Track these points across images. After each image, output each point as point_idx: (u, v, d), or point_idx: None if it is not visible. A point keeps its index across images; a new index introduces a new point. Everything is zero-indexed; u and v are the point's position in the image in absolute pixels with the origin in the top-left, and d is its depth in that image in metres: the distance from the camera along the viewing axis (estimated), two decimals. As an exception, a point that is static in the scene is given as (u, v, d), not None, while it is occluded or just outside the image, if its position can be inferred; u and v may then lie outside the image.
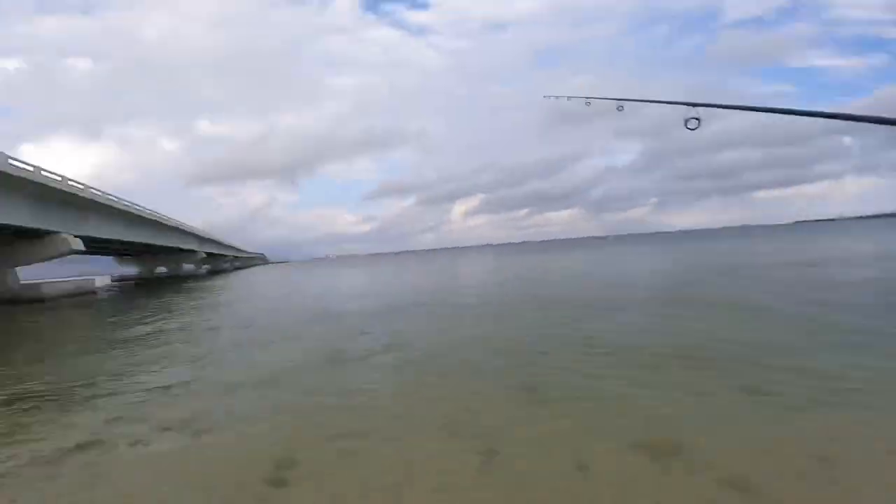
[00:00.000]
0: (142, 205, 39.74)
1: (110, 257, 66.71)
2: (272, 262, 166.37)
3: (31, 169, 22.92)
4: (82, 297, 29.61)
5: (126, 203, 36.03)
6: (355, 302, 15.39)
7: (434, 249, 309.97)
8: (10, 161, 21.12)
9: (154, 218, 42.59)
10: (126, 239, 37.94)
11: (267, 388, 5.79)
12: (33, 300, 25.94)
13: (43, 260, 27.64)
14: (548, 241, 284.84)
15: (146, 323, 13.35)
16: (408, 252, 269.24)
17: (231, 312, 15.76)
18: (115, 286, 52.40)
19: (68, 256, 29.92)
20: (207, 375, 6.78)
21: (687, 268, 21.87)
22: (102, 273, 70.28)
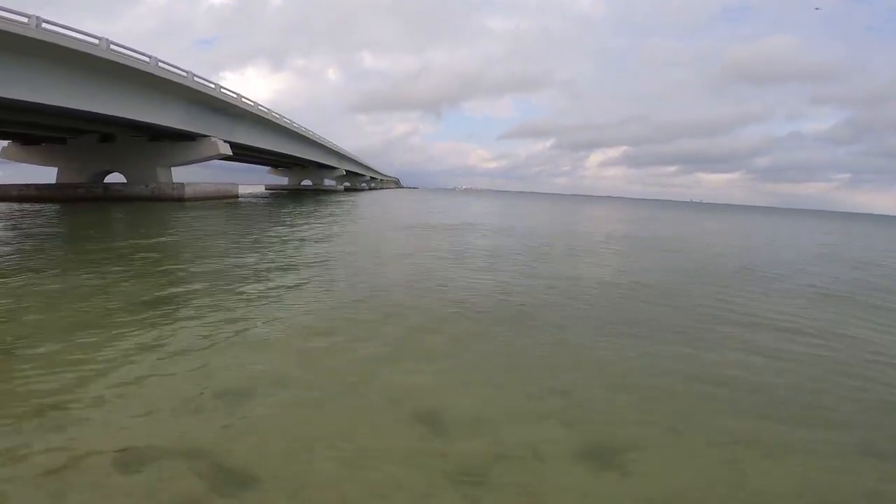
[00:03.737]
0: (289, 118, 41.01)
1: (266, 167, 73.22)
2: (404, 187, 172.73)
3: (184, 74, 23.36)
4: (222, 201, 31.44)
5: (275, 115, 37.10)
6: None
7: (565, 194, 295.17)
8: (161, 64, 21.44)
9: (299, 131, 43.88)
10: (271, 148, 39.56)
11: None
12: (174, 199, 27.91)
13: (194, 162, 29.56)
14: (698, 203, 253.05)
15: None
16: (537, 193, 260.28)
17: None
18: (266, 193, 57.22)
19: (247, 166, 31.49)
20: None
21: None
22: (259, 183, 78.12)
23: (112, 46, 18.55)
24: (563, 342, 4.79)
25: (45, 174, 30.22)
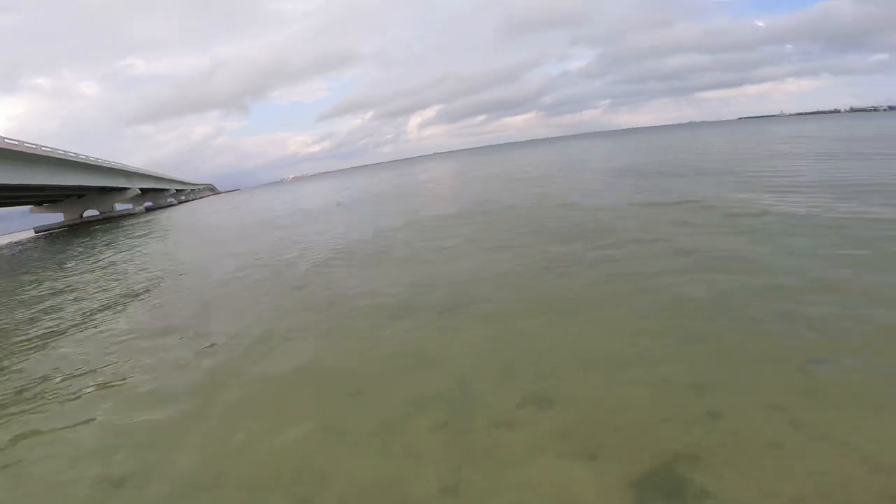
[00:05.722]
0: (37, 143, 32.86)
1: (27, 207, 58.91)
2: (222, 192, 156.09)
3: None
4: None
5: (12, 141, 29.51)
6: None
7: (394, 160, 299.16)
8: None
9: (51, 155, 35.61)
10: (8, 182, 31.57)
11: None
12: None
13: None
14: (507, 143, 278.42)
15: None
16: (368, 165, 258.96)
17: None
18: (33, 237, 45.98)
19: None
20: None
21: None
22: (27, 228, 62.78)
23: None
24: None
25: None
